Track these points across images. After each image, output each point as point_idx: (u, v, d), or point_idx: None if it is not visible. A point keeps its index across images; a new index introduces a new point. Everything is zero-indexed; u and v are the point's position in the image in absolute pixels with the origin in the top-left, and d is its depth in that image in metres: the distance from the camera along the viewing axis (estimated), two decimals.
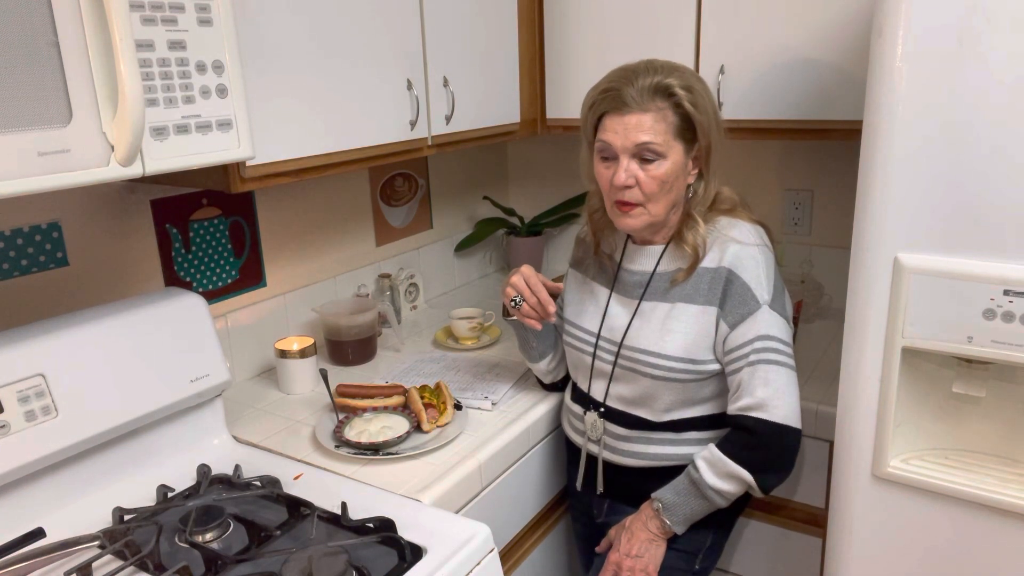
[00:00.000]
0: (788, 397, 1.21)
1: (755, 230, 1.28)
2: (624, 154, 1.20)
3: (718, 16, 1.66)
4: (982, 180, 1.04)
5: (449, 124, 1.65)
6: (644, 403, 1.31)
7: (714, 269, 1.24)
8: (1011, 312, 1.06)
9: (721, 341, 1.24)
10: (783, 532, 1.61)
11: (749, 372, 1.21)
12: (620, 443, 1.35)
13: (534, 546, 1.54)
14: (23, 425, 1.07)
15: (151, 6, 0.95)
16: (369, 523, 1.09)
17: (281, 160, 1.28)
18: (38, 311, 1.30)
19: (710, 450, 1.25)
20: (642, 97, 1.18)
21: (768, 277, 1.23)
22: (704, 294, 1.24)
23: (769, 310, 1.22)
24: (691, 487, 1.25)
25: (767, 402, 1.20)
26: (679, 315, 1.26)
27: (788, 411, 1.21)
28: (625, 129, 1.19)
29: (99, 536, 1.07)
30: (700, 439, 1.31)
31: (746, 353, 1.21)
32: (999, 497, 1.12)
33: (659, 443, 1.32)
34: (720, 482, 1.23)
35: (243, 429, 1.44)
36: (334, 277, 1.89)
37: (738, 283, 1.22)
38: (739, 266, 1.22)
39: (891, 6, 1.05)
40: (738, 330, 1.22)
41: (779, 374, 1.21)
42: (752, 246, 1.24)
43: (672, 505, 1.26)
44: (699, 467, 1.25)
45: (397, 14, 1.47)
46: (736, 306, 1.22)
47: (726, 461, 1.22)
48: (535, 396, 1.54)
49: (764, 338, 1.21)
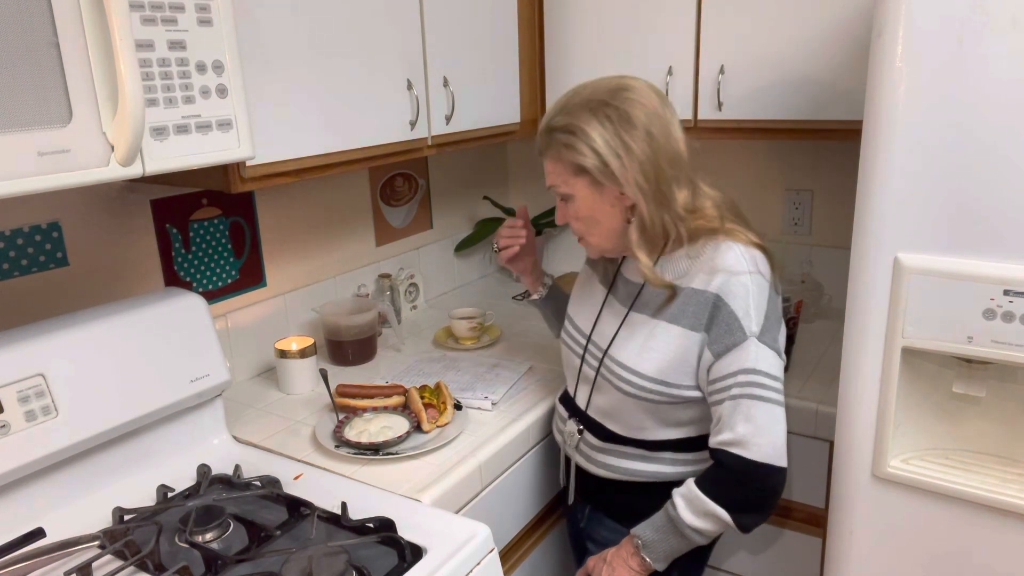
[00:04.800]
0: (770, 435, 1.14)
1: (749, 255, 1.18)
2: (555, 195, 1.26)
3: (718, 16, 1.67)
4: (982, 180, 1.04)
5: (449, 124, 1.65)
6: (616, 417, 1.29)
7: (702, 292, 1.17)
8: (1011, 312, 1.06)
9: (705, 370, 1.18)
10: (783, 532, 1.61)
11: (731, 406, 1.15)
12: (595, 453, 1.33)
13: (534, 546, 1.54)
14: (23, 425, 1.07)
15: (151, 6, 0.95)
16: (369, 523, 1.09)
17: (281, 160, 1.28)
18: (38, 311, 1.30)
19: (688, 486, 1.20)
20: (542, 139, 1.22)
21: (758, 307, 1.15)
22: (689, 317, 1.18)
23: (757, 343, 1.14)
24: (669, 525, 1.20)
25: (747, 439, 1.14)
26: (661, 334, 1.21)
27: (770, 450, 1.14)
28: (545, 171, 1.25)
29: (99, 536, 1.07)
30: (675, 459, 1.28)
31: (728, 386, 1.15)
32: (999, 497, 1.12)
33: (631, 458, 1.29)
34: (697, 520, 1.18)
35: (243, 429, 1.44)
36: (334, 277, 1.89)
37: (726, 311, 1.15)
38: (728, 293, 1.15)
39: (891, 6, 1.05)
40: (723, 361, 1.15)
41: (762, 410, 1.14)
42: (744, 274, 1.16)
43: (652, 543, 1.22)
44: (677, 504, 1.19)
45: (397, 14, 1.47)
46: (722, 335, 1.15)
47: (703, 499, 1.16)
48: (535, 396, 1.54)
49: (749, 371, 1.14)
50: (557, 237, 2.43)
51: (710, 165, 2.09)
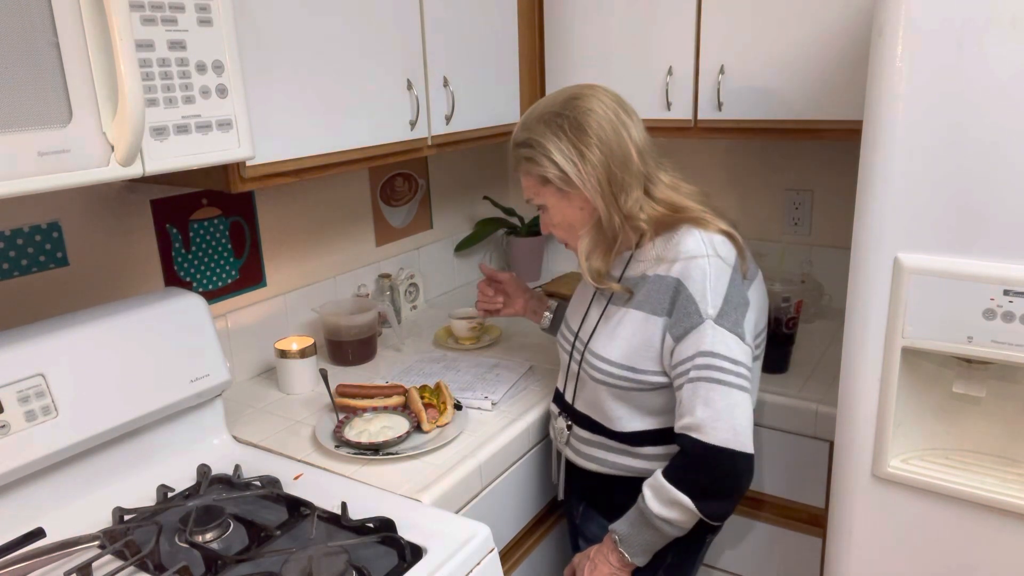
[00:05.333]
0: (729, 419, 1.13)
1: (709, 239, 1.19)
2: None
3: (718, 16, 1.67)
4: (982, 180, 1.04)
5: (449, 124, 1.65)
6: (598, 409, 1.30)
7: (664, 278, 1.20)
8: (1011, 312, 1.06)
9: (668, 354, 1.19)
10: (783, 532, 1.61)
11: (690, 390, 1.15)
12: (583, 447, 1.35)
13: (534, 546, 1.54)
14: (23, 425, 1.07)
15: (151, 6, 0.95)
16: (369, 523, 1.09)
17: (281, 160, 1.28)
18: (38, 311, 1.30)
19: (655, 476, 1.20)
20: (511, 157, 1.29)
21: (715, 290, 1.16)
22: (651, 302, 1.20)
23: (714, 326, 1.14)
24: (640, 517, 1.21)
25: (705, 423, 1.13)
26: (627, 321, 1.24)
27: (728, 433, 1.13)
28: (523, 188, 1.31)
29: (99, 536, 1.07)
30: (655, 455, 1.28)
31: (687, 369, 1.16)
32: (999, 497, 1.12)
33: (618, 453, 1.30)
34: (665, 510, 1.17)
35: (243, 429, 1.44)
36: (334, 277, 1.89)
37: (684, 294, 1.16)
38: (686, 276, 1.17)
39: (891, 6, 1.05)
40: (682, 344, 1.16)
41: (721, 394, 1.13)
42: (701, 257, 1.17)
43: (627, 537, 1.22)
44: (645, 495, 1.20)
45: (397, 14, 1.47)
46: (681, 319, 1.16)
47: (667, 487, 1.16)
48: (535, 396, 1.54)
49: (706, 354, 1.14)
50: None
51: (710, 165, 2.11)
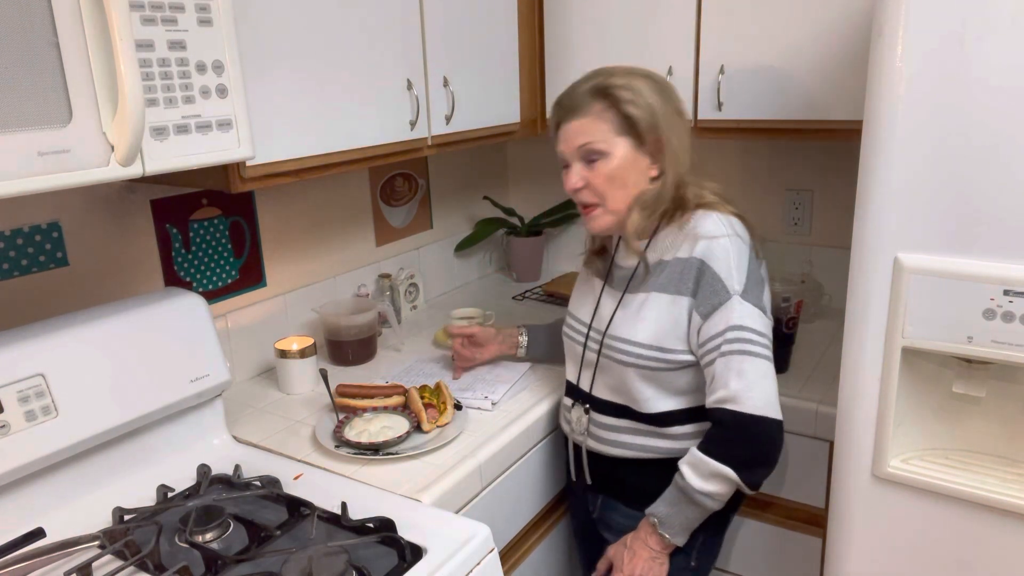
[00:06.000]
0: (762, 388, 1.18)
1: (727, 220, 1.25)
2: (573, 159, 1.27)
3: (718, 16, 1.67)
4: (982, 180, 1.04)
5: (449, 124, 1.65)
6: (624, 392, 1.32)
7: (686, 260, 1.23)
8: (1011, 312, 1.06)
9: (695, 332, 1.23)
10: (783, 532, 1.61)
11: (723, 363, 1.19)
12: (606, 432, 1.36)
13: (534, 546, 1.54)
14: (23, 425, 1.07)
15: (151, 6, 0.95)
16: (369, 523, 1.09)
17: (281, 160, 1.28)
18: (38, 311, 1.30)
19: (692, 452, 1.23)
20: (582, 100, 1.25)
21: (739, 267, 1.21)
22: (675, 284, 1.24)
23: (741, 300, 1.19)
24: (680, 495, 1.24)
25: (740, 394, 1.18)
26: (652, 304, 1.26)
27: (762, 401, 1.18)
28: (567, 135, 1.26)
29: (99, 536, 1.07)
30: (685, 433, 1.31)
31: (718, 344, 1.20)
32: (999, 497, 1.12)
33: (646, 435, 1.32)
34: (706, 484, 1.21)
35: (243, 429, 1.44)
36: (334, 277, 1.89)
37: (709, 273, 1.21)
38: (710, 256, 1.21)
39: (891, 6, 1.05)
40: (710, 321, 1.21)
41: (753, 364, 1.18)
42: (723, 236, 1.22)
43: (667, 518, 1.25)
44: (684, 472, 1.23)
45: (397, 14, 1.47)
46: (708, 296, 1.21)
47: (707, 461, 1.20)
48: (535, 396, 1.54)
49: (736, 328, 1.19)
50: (557, 237, 2.43)
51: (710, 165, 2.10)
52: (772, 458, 1.22)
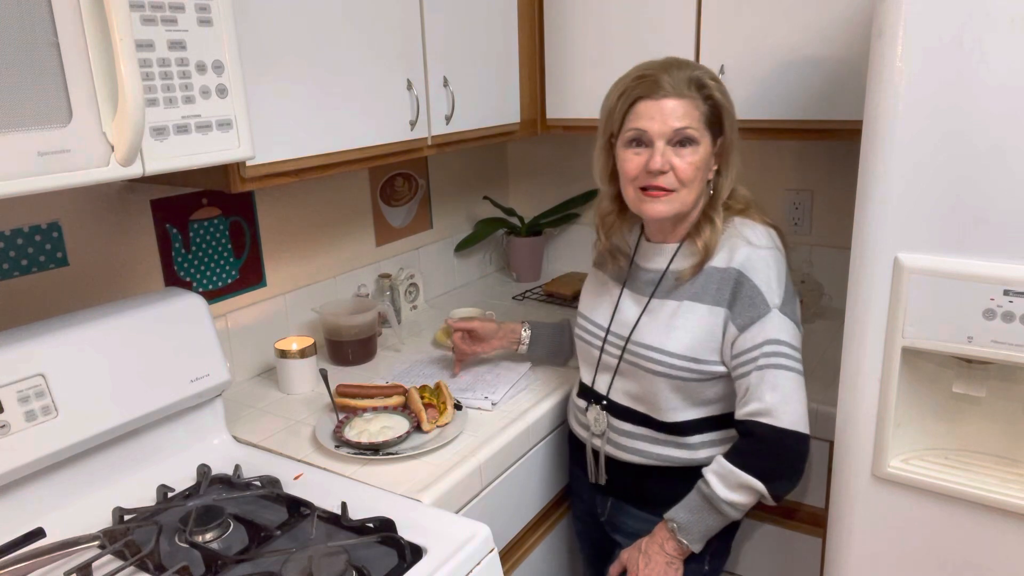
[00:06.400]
0: (796, 403, 1.20)
1: (767, 232, 1.27)
2: (660, 139, 1.20)
3: (718, 16, 1.67)
4: (982, 180, 1.04)
5: (449, 124, 1.65)
6: (648, 401, 1.31)
7: (723, 269, 1.23)
8: (1011, 312, 1.05)
9: (729, 344, 1.23)
10: (783, 532, 1.61)
11: (758, 376, 1.20)
12: (624, 439, 1.35)
13: (534, 546, 1.54)
14: (23, 425, 1.07)
15: (151, 6, 0.95)
16: (369, 523, 1.09)
17: (281, 160, 1.28)
18: (38, 311, 1.30)
19: (719, 462, 1.23)
20: (678, 84, 1.20)
21: (779, 281, 1.22)
22: (712, 294, 1.23)
23: (779, 314, 1.20)
24: (704, 503, 1.24)
25: (775, 408, 1.19)
26: (686, 313, 1.25)
27: (796, 416, 1.20)
28: (662, 114, 1.19)
29: (99, 536, 1.07)
30: (705, 442, 1.30)
31: (755, 357, 1.20)
32: (999, 497, 1.12)
33: (664, 444, 1.31)
34: (733, 494, 1.21)
35: (243, 429, 1.44)
36: (334, 277, 1.89)
37: (748, 286, 1.21)
38: (750, 268, 1.21)
39: (891, 6, 1.05)
40: (747, 333, 1.21)
41: (788, 379, 1.20)
42: (764, 249, 1.23)
43: (687, 524, 1.24)
44: (710, 481, 1.23)
45: (397, 14, 1.47)
46: (746, 309, 1.21)
47: (736, 472, 1.20)
48: (535, 396, 1.54)
49: (774, 342, 1.20)
50: (557, 237, 2.43)
51: None
52: (800, 471, 1.23)
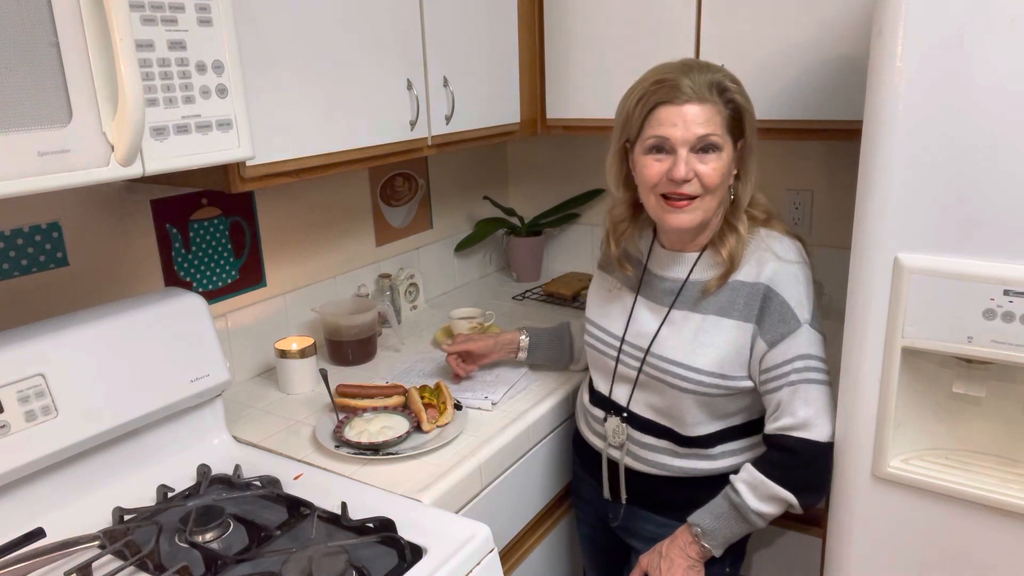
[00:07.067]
0: (829, 415, 1.21)
1: (794, 246, 1.25)
2: (683, 147, 1.16)
3: (718, 16, 1.66)
4: (982, 180, 1.04)
5: (449, 124, 1.65)
6: (672, 415, 1.29)
7: (751, 284, 1.21)
8: (1011, 312, 1.05)
9: (758, 359, 1.21)
10: (783, 532, 1.61)
11: (790, 392, 1.20)
12: (645, 452, 1.32)
13: (534, 546, 1.54)
14: (23, 425, 1.07)
15: (151, 6, 0.95)
16: (369, 523, 1.09)
17: (281, 160, 1.28)
18: (38, 311, 1.30)
19: (749, 472, 1.22)
20: (701, 90, 1.15)
21: (808, 296, 1.22)
22: (740, 309, 1.21)
23: (809, 329, 1.20)
24: (732, 511, 1.23)
25: (810, 422, 1.20)
26: (712, 328, 1.23)
27: (830, 429, 1.21)
28: (684, 121, 1.15)
29: (99, 536, 1.07)
30: (726, 451, 1.29)
31: (786, 372, 1.20)
32: (999, 497, 1.12)
33: (686, 457, 1.30)
34: (762, 505, 1.21)
35: (243, 429, 1.44)
36: (334, 277, 1.89)
37: (777, 301, 1.19)
38: (779, 284, 1.20)
39: (891, 6, 1.05)
40: (777, 349, 1.20)
41: (819, 392, 1.21)
42: (793, 264, 1.22)
43: (712, 530, 1.24)
44: (740, 491, 1.22)
45: (397, 14, 1.47)
46: (776, 324, 1.19)
47: (768, 484, 1.20)
48: (535, 396, 1.54)
49: (805, 357, 1.20)
50: (557, 237, 2.44)
51: None
52: (829, 482, 1.24)
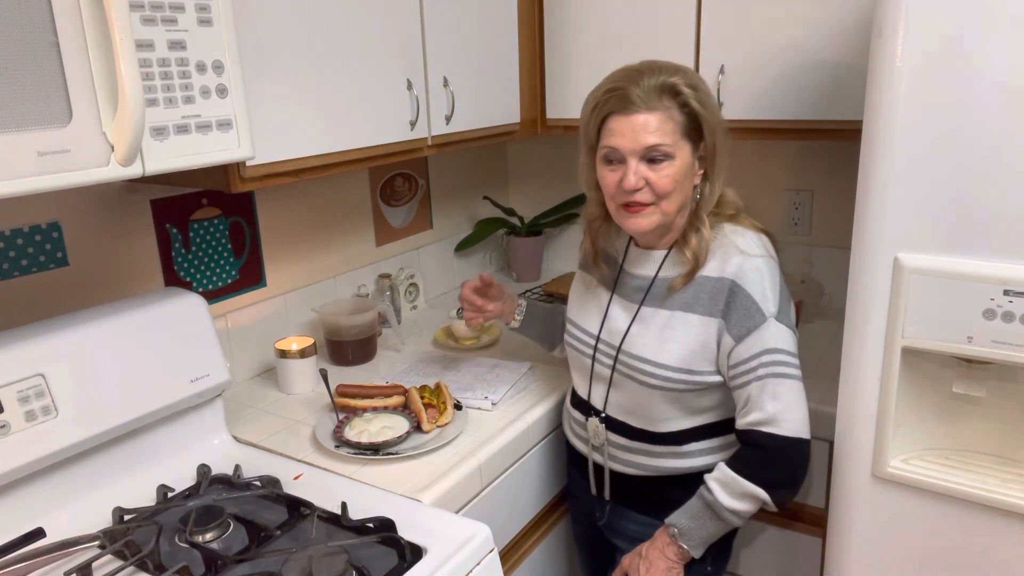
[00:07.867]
0: (798, 410, 1.19)
1: (759, 239, 1.24)
2: (632, 157, 1.17)
3: (718, 16, 1.66)
4: (982, 180, 1.04)
5: (449, 124, 1.65)
6: (641, 413, 1.29)
7: (716, 279, 1.21)
8: (1011, 312, 1.05)
9: (725, 354, 1.21)
10: (783, 532, 1.61)
11: (758, 387, 1.19)
12: (622, 452, 1.34)
13: (534, 546, 1.54)
14: (23, 425, 1.07)
15: (151, 6, 0.95)
16: (369, 523, 1.09)
17: (281, 160, 1.28)
18: (38, 311, 1.30)
19: (722, 470, 1.22)
20: (648, 96, 1.15)
21: (773, 289, 1.20)
22: (705, 304, 1.22)
23: (776, 322, 1.18)
24: (706, 510, 1.23)
25: (778, 416, 1.18)
26: (678, 324, 1.23)
27: (799, 424, 1.19)
28: (632, 131, 1.16)
29: (99, 536, 1.07)
30: (702, 449, 1.29)
31: (754, 367, 1.18)
32: (999, 497, 1.12)
33: (661, 456, 1.30)
34: (735, 502, 1.21)
35: (243, 429, 1.44)
36: (334, 277, 1.89)
37: (742, 295, 1.18)
38: (743, 278, 1.19)
39: (891, 6, 1.05)
40: (744, 344, 1.19)
41: (788, 387, 1.19)
42: (757, 257, 1.21)
43: (688, 530, 1.23)
44: (712, 489, 1.22)
45: (397, 14, 1.47)
46: (741, 319, 1.19)
47: (740, 481, 1.20)
48: (535, 396, 1.54)
49: (772, 351, 1.18)
50: (557, 237, 2.44)
51: None
52: (802, 478, 1.22)
